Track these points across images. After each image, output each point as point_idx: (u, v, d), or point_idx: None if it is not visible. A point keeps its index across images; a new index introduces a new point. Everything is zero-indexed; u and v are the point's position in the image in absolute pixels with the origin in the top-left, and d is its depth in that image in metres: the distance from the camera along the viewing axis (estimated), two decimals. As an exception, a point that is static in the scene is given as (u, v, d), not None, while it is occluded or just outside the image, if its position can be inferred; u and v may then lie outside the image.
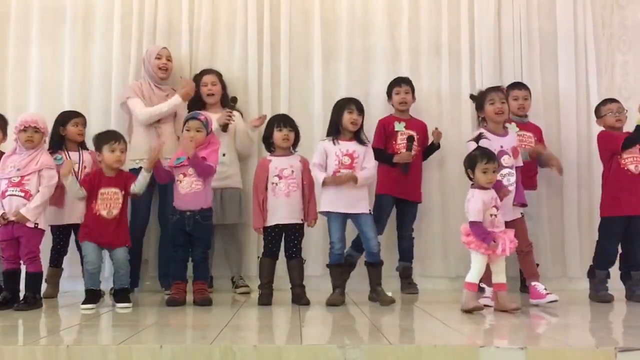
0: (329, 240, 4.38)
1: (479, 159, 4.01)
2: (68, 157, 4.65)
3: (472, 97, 4.59)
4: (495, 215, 3.99)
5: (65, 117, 4.78)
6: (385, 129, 5.00)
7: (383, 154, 4.89)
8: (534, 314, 4.03)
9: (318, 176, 4.32)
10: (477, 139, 4.22)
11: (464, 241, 4.01)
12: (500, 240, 3.92)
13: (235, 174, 5.09)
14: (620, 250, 4.71)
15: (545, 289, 4.25)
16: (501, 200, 4.12)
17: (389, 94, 5.13)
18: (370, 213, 4.38)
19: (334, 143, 4.36)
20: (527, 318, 3.91)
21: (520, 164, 4.43)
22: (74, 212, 4.57)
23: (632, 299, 4.54)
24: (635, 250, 4.65)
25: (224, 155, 4.92)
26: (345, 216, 4.35)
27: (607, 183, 4.69)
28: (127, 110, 5.09)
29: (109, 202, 4.22)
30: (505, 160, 4.29)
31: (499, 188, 4.13)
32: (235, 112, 5.06)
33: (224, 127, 4.99)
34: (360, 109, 4.40)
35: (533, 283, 4.27)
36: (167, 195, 4.80)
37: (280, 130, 4.45)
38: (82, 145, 4.83)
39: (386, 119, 5.07)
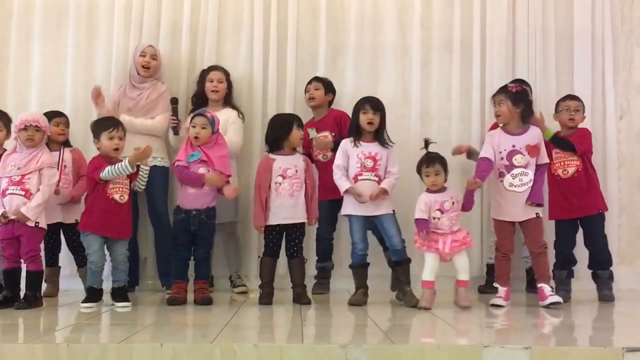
0: (351, 241, 4.34)
1: (421, 164, 4.29)
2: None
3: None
4: (439, 219, 4.18)
5: (47, 117, 4.64)
6: (305, 136, 4.90)
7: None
8: (539, 313, 3.99)
9: (342, 184, 4.24)
10: (426, 145, 4.33)
11: None
12: (441, 239, 4.13)
13: (234, 174, 5.01)
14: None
15: (552, 290, 4.20)
16: (469, 187, 4.23)
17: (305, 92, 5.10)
18: (393, 213, 4.32)
19: (355, 145, 4.28)
20: (532, 318, 3.89)
21: (545, 161, 4.35)
22: (56, 212, 4.58)
23: (600, 299, 4.48)
24: (596, 249, 4.61)
25: None
26: (367, 217, 4.30)
27: (549, 188, 4.65)
28: None
29: (121, 186, 4.18)
30: (517, 160, 4.25)
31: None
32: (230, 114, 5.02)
33: (175, 130, 4.94)
34: (376, 108, 4.31)
35: (540, 285, 4.22)
36: (153, 195, 4.78)
37: (299, 130, 4.44)
38: (65, 144, 4.81)
39: (306, 124, 4.92)
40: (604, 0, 5.45)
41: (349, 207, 4.30)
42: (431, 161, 4.24)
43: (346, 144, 4.33)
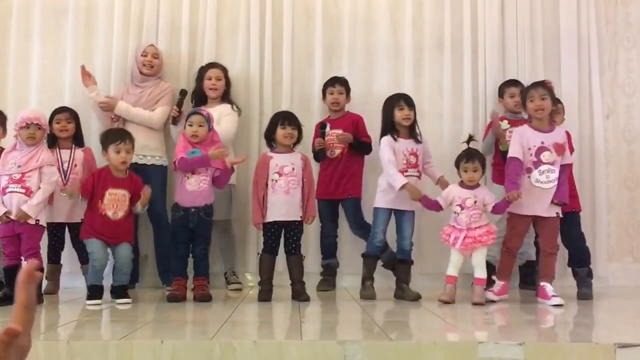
0: (372, 231, 4.42)
1: (461, 159, 4.33)
2: (59, 156, 4.60)
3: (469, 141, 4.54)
4: (458, 214, 4.26)
5: (51, 115, 4.69)
6: (316, 130, 5.04)
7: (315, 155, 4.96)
8: (533, 310, 4.04)
9: (399, 179, 4.26)
10: (468, 141, 4.42)
11: None
12: (454, 234, 4.22)
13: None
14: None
15: (554, 291, 4.24)
16: (511, 200, 4.20)
17: (324, 93, 5.13)
18: (413, 211, 4.43)
19: (395, 141, 4.36)
20: (526, 314, 3.92)
21: (569, 161, 4.38)
22: (63, 212, 4.59)
23: (579, 297, 4.51)
24: (574, 247, 4.68)
25: None
26: (391, 212, 4.41)
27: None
28: None
29: (116, 202, 4.21)
30: (545, 156, 4.28)
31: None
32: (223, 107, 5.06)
33: (173, 120, 4.97)
34: (410, 104, 4.42)
35: (543, 283, 4.27)
36: (153, 192, 4.80)
37: (283, 128, 4.45)
38: (77, 142, 4.80)
39: (322, 121, 5.07)
40: (589, 2, 5.51)
41: (382, 201, 4.39)
42: (471, 157, 4.30)
43: (390, 140, 4.37)
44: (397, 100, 4.43)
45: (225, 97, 5.15)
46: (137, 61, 5.09)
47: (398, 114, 4.37)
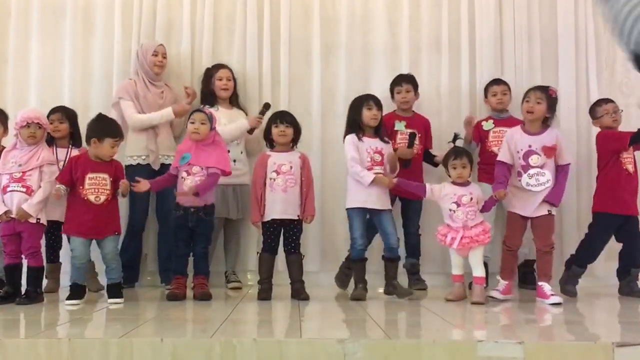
0: (350, 237, 4.42)
1: (449, 157, 4.35)
2: (55, 154, 4.56)
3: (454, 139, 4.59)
4: (454, 211, 4.25)
5: (47, 115, 4.63)
6: (385, 128, 4.99)
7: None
8: (532, 309, 4.05)
9: (367, 175, 4.28)
10: (454, 139, 4.48)
11: None
12: (451, 234, 4.23)
13: (249, 171, 5.07)
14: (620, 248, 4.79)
15: (552, 290, 4.25)
16: (497, 198, 4.28)
17: (392, 92, 5.13)
18: (390, 210, 4.44)
19: (360, 140, 4.38)
20: (525, 313, 3.93)
21: (566, 162, 4.36)
22: (57, 209, 4.51)
23: (633, 295, 4.60)
24: (636, 248, 4.71)
25: (241, 153, 5.04)
26: (366, 212, 4.40)
27: (607, 181, 4.73)
28: (119, 110, 5.03)
29: (97, 187, 4.13)
30: (534, 160, 4.28)
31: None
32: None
33: (251, 131, 5.02)
34: (379, 104, 4.45)
35: (541, 283, 4.28)
36: (163, 192, 4.80)
37: (277, 127, 4.48)
38: (74, 141, 4.78)
39: (387, 116, 5.04)
40: (586, 1, 5.52)
41: (354, 200, 4.38)
42: (459, 154, 4.35)
43: (354, 138, 4.40)
44: (367, 100, 4.45)
45: (234, 99, 5.19)
46: (147, 61, 5.07)
47: (366, 114, 4.40)
